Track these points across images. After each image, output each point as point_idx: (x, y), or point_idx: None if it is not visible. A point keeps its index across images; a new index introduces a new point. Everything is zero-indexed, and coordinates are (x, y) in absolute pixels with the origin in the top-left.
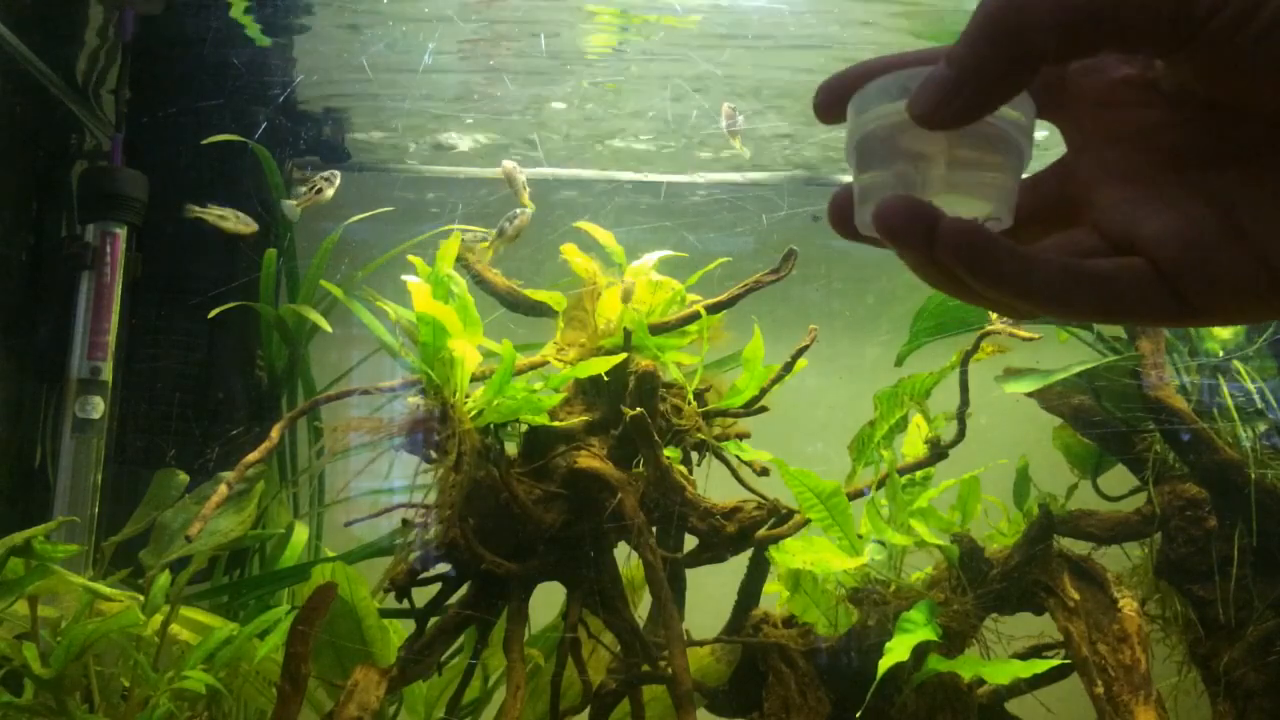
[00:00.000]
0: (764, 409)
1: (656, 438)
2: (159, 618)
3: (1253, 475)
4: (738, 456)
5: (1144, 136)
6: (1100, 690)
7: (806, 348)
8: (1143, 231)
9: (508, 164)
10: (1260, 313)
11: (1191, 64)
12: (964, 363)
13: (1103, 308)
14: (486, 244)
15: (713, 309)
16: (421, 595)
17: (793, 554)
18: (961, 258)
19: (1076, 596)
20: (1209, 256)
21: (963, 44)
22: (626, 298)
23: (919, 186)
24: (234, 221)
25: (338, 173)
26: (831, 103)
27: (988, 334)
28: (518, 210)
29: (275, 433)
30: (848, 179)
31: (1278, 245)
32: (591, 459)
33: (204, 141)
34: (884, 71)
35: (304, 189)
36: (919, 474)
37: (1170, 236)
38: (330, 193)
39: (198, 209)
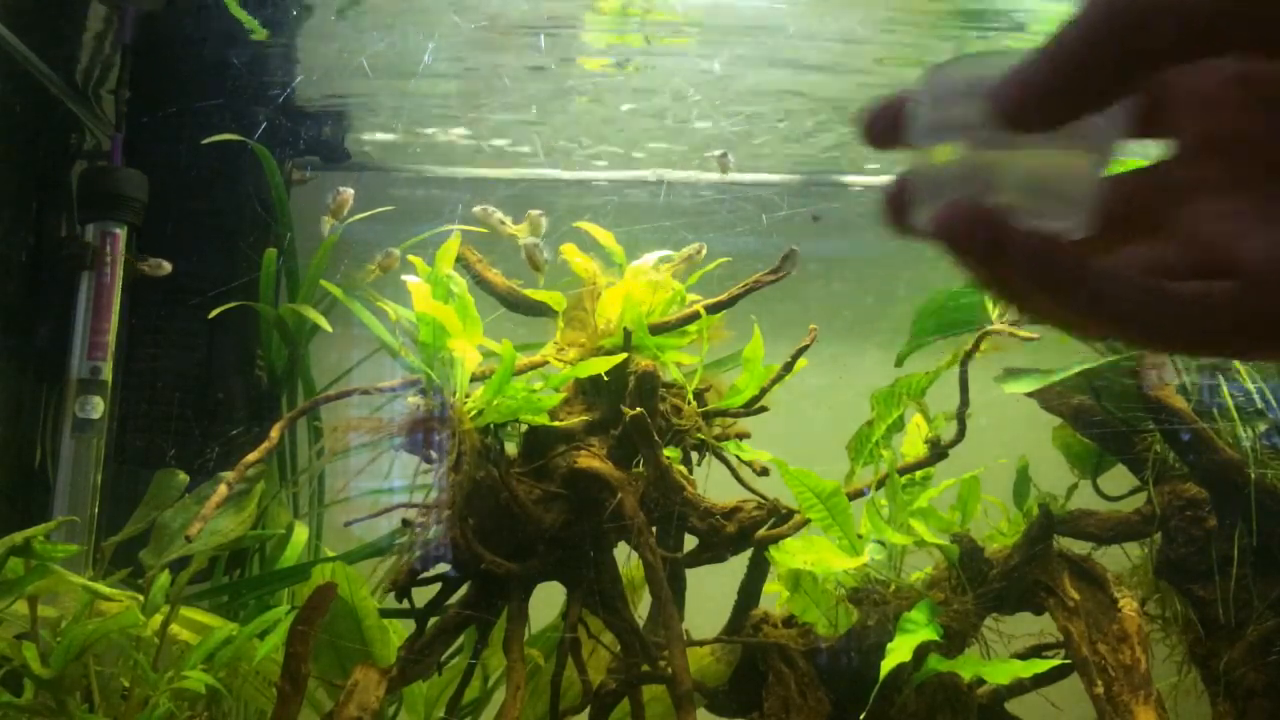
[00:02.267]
0: (764, 409)
1: (656, 438)
2: (159, 618)
3: (1253, 475)
4: (738, 456)
5: (1252, 143)
6: (1100, 690)
7: (806, 348)
8: (1243, 251)
9: (476, 210)
10: None
11: None
12: (964, 362)
13: (1189, 336)
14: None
15: (713, 309)
16: (421, 595)
17: (793, 554)
18: (1032, 271)
19: (1076, 596)
20: None
21: (1066, 40)
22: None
23: (988, 189)
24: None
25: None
26: (888, 119)
27: (988, 334)
28: (532, 243)
29: (275, 433)
30: (849, 179)
31: None
32: (591, 459)
33: (204, 141)
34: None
35: (330, 199)
36: (919, 474)
37: (1276, 259)
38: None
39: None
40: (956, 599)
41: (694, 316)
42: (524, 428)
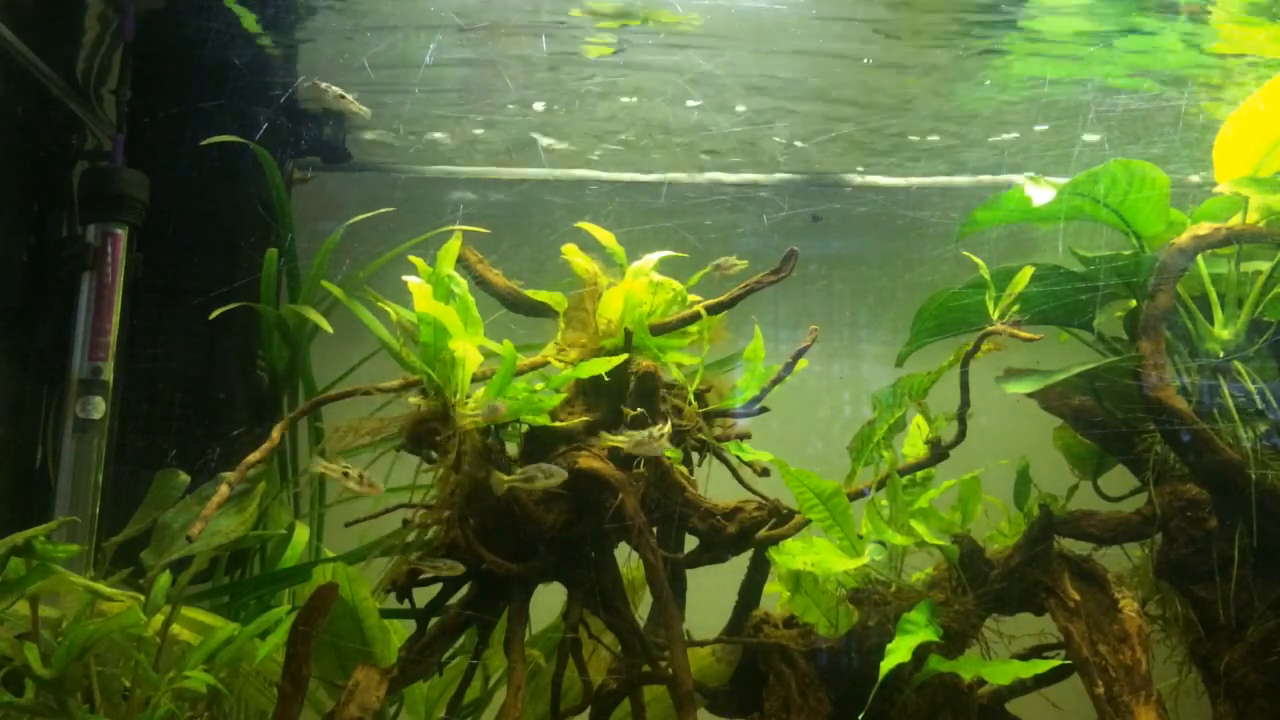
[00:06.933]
0: (764, 409)
1: None
2: (160, 618)
3: (1253, 476)
4: (738, 457)
5: None
6: (1101, 690)
7: (807, 348)
8: None
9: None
10: None
11: None
12: (964, 363)
13: None
14: None
15: (713, 309)
16: (423, 595)
17: (793, 555)
18: None
19: (1077, 597)
20: None
21: None
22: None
23: None
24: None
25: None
26: None
27: (988, 334)
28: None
29: (276, 433)
30: (848, 179)
31: None
32: (592, 459)
33: (204, 142)
34: None
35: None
36: (919, 474)
37: None
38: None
39: None
40: (957, 599)
41: (694, 317)
42: (525, 428)
